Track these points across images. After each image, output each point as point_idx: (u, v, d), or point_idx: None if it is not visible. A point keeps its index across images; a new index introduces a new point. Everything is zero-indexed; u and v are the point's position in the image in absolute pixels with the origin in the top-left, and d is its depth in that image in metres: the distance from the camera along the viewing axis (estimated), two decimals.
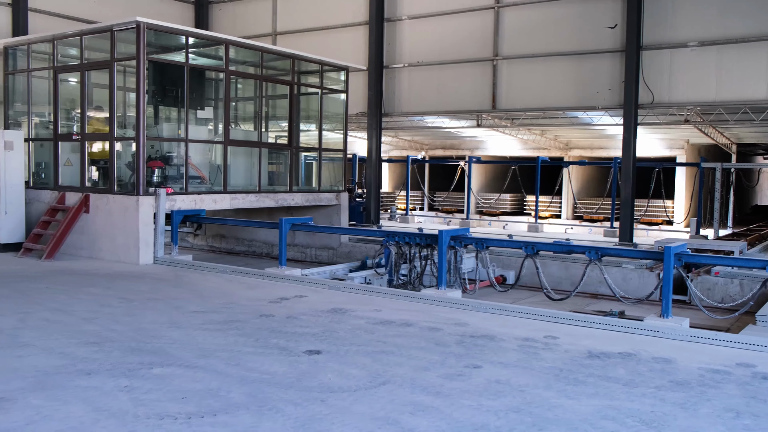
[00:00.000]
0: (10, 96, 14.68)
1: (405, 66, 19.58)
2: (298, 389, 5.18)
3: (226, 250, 16.92)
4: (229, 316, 7.73)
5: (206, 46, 14.31)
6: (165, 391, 5.07)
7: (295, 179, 15.23)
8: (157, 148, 12.97)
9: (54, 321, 7.35)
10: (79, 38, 12.99)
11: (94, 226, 12.39)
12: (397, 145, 29.69)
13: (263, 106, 15.14)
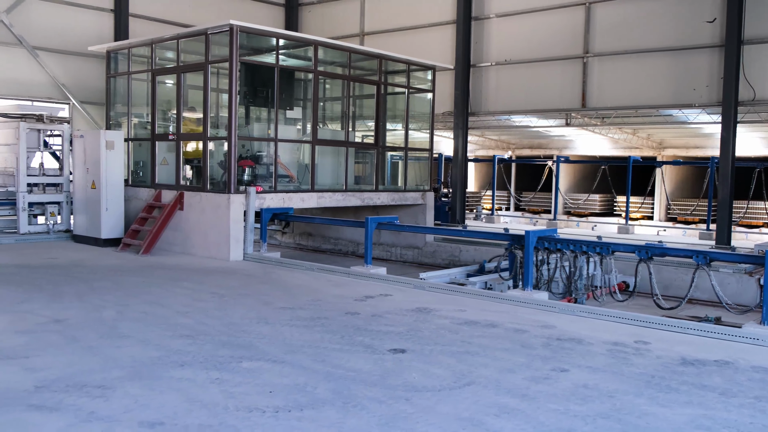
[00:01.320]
0: (112, 98, 15.38)
1: (492, 64, 19.39)
2: (383, 387, 5.22)
3: (313, 247, 17.19)
4: (315, 313, 7.85)
5: (296, 48, 14.58)
6: (254, 385, 5.20)
7: (381, 178, 15.33)
8: (248, 148, 13.32)
9: (150, 314, 7.66)
10: (175, 42, 13.48)
11: (187, 223, 12.82)
12: (483, 144, 29.44)
13: (350, 105, 15.30)
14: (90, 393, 4.93)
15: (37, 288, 8.96)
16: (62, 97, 18.31)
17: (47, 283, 9.31)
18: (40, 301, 8.17)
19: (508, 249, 10.57)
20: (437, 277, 10.93)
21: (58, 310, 7.65)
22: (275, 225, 15.11)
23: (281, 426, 4.43)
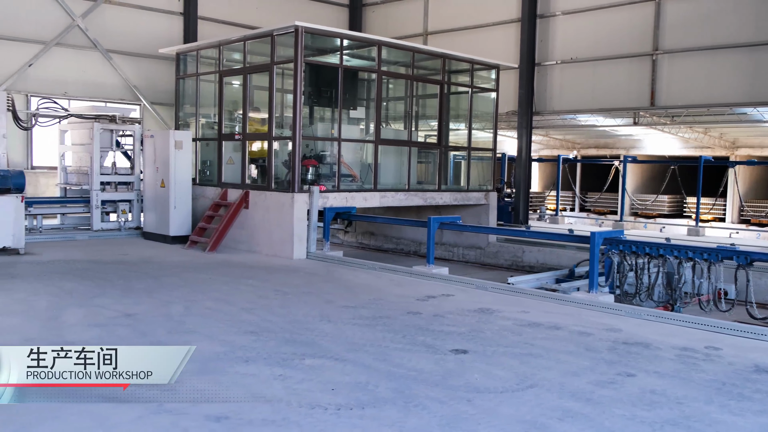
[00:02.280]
0: (181, 99, 15.76)
1: (557, 63, 19.11)
2: (444, 387, 5.20)
3: (375, 247, 17.27)
4: (377, 312, 7.88)
5: (359, 48, 14.67)
6: (316, 382, 5.26)
7: (443, 178, 15.28)
8: (312, 147, 13.45)
9: (216, 310, 7.82)
10: (242, 43, 13.73)
11: (252, 222, 13.04)
12: (547, 144, 29.02)
13: (413, 105, 15.29)
14: (158, 386, 5.06)
15: (109, 283, 9.26)
16: (134, 98, 18.88)
17: (118, 279, 9.61)
18: (112, 295, 8.44)
19: (605, 254, 9.97)
20: (525, 281, 10.47)
21: (128, 305, 7.89)
22: (338, 224, 15.22)
23: (343, 423, 4.46)
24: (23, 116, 14.71)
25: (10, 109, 13.01)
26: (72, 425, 4.34)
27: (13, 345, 6.09)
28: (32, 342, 6.22)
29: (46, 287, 8.92)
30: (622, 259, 9.75)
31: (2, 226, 11.35)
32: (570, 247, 14.00)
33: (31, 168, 17.48)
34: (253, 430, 4.33)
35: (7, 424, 4.30)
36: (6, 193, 11.41)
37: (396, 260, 13.95)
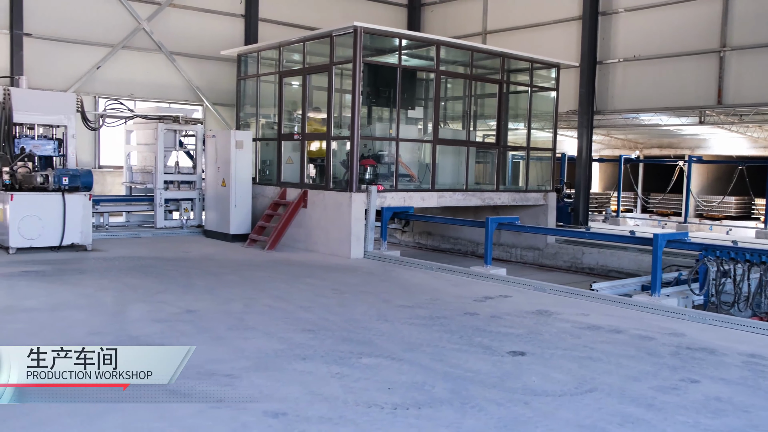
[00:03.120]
0: (242, 99, 16.03)
1: (620, 61, 18.73)
2: (501, 389, 5.16)
3: (432, 247, 17.23)
4: (434, 312, 7.86)
5: (418, 48, 14.65)
6: (373, 381, 5.28)
7: (502, 178, 15.14)
8: (370, 147, 13.50)
9: (275, 308, 7.92)
10: (301, 44, 13.88)
11: (310, 221, 13.17)
12: (608, 144, 28.47)
13: (472, 105, 15.20)
14: (219, 381, 5.16)
15: (171, 280, 9.48)
16: (196, 99, 19.29)
17: (180, 276, 9.83)
18: (175, 292, 8.64)
19: (699, 260, 9.35)
20: (610, 288, 9.84)
21: (190, 302, 8.06)
22: (395, 224, 15.27)
23: (399, 423, 4.47)
24: (91, 117, 15.18)
25: (79, 111, 13.44)
26: (137, 416, 4.45)
27: (79, 338, 6.31)
28: (99, 335, 6.42)
29: (111, 283, 9.19)
30: (719, 266, 9.11)
31: (71, 223, 11.73)
32: (632, 249, 13.70)
33: (99, 167, 18.03)
34: (310, 427, 4.37)
35: (74, 415, 4.44)
36: (75, 191, 11.80)
37: (453, 260, 13.89)
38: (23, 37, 16.32)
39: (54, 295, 8.31)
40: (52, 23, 16.92)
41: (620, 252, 13.99)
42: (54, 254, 11.46)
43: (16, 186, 11.59)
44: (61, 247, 11.77)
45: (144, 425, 4.33)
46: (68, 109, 12.87)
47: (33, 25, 16.55)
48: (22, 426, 4.25)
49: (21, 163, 11.86)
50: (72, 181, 11.74)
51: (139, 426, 4.32)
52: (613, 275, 13.67)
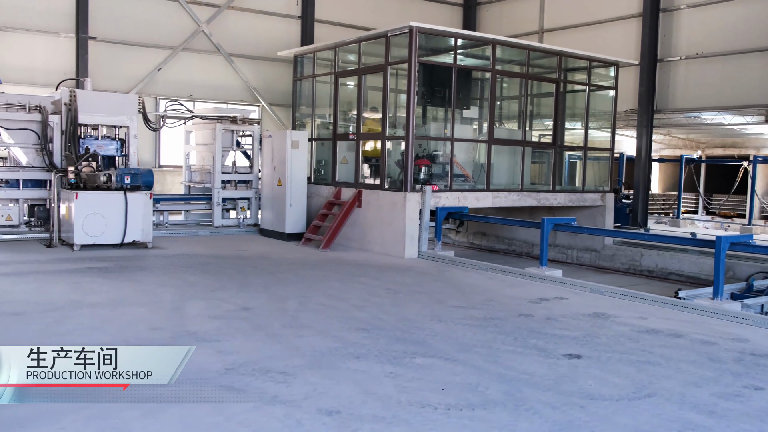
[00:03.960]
0: (298, 99, 16.20)
1: (681, 59, 18.26)
2: (557, 392, 5.09)
3: (487, 247, 17.11)
4: (488, 313, 7.81)
5: (473, 47, 14.56)
6: (426, 381, 5.27)
7: (558, 178, 14.94)
8: (425, 147, 13.49)
9: (329, 306, 7.98)
10: (357, 45, 13.95)
11: (365, 220, 13.22)
12: (669, 143, 27.80)
13: (528, 104, 15.04)
14: (273, 378, 5.23)
15: (228, 277, 9.64)
16: (253, 99, 19.57)
17: (237, 273, 9.99)
18: (231, 289, 8.78)
19: None
20: (698, 295, 9.28)
21: (246, 299, 8.18)
22: (449, 224, 15.19)
23: (452, 424, 4.45)
24: (152, 118, 15.55)
25: (141, 111, 13.79)
26: (195, 411, 4.54)
27: (140, 333, 6.47)
28: (158, 331, 6.58)
29: (170, 279, 9.39)
30: None
31: (132, 221, 12.04)
32: (693, 251, 13.35)
33: (159, 167, 18.46)
34: (364, 425, 4.39)
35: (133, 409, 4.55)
36: (136, 190, 12.10)
37: (508, 261, 13.77)
38: (88, 41, 16.83)
39: (116, 291, 8.54)
40: (116, 27, 17.39)
41: (681, 254, 13.65)
42: (116, 251, 11.78)
43: (80, 185, 11.95)
44: (123, 245, 12.09)
45: (201, 420, 4.42)
46: (130, 110, 13.23)
47: (98, 29, 17.04)
48: (84, 417, 4.37)
49: (85, 162, 12.22)
50: (134, 180, 12.04)
51: (196, 421, 4.40)
52: (673, 278, 13.36)
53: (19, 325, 6.71)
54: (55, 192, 12.29)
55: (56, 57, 16.69)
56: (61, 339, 6.22)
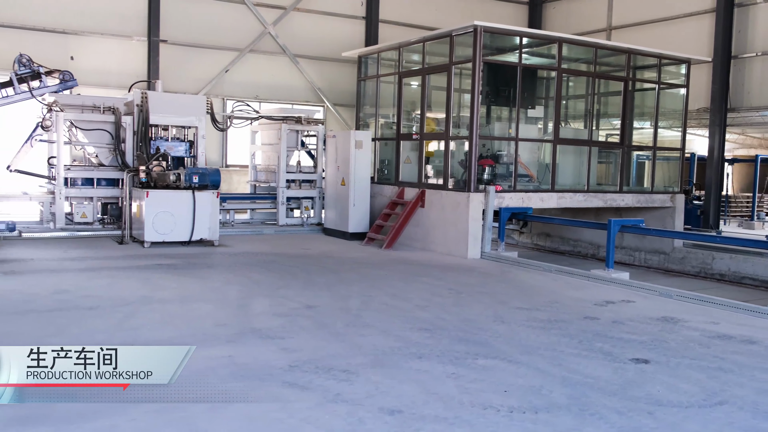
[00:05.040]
0: (362, 100, 16.29)
1: (758, 55, 17.61)
2: (623, 398, 4.98)
3: (551, 248, 16.86)
4: (552, 315, 7.70)
5: (539, 45, 14.37)
6: (488, 383, 5.23)
7: (625, 179, 14.61)
8: (488, 147, 13.38)
9: (391, 306, 8.00)
10: (421, 45, 13.93)
11: (427, 220, 13.20)
12: (743, 143, 26.86)
13: (594, 103, 14.75)
14: (336, 376, 5.27)
15: (292, 276, 9.77)
16: (317, 100, 19.78)
17: (301, 272, 10.11)
18: (295, 288, 8.89)
19: None
20: None
21: (309, 297, 8.28)
22: (513, 224, 15.04)
23: (515, 426, 4.40)
24: (220, 118, 15.90)
25: (209, 112, 14.11)
26: (260, 407, 4.62)
27: (207, 329, 6.62)
28: (224, 327, 6.71)
29: (236, 277, 9.58)
30: None
31: (200, 219, 12.32)
32: None
33: (226, 166, 18.84)
34: (425, 425, 4.38)
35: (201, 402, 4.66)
36: (204, 189, 12.38)
37: (573, 263, 13.53)
38: (160, 44, 17.30)
39: (184, 288, 8.76)
40: (186, 30, 17.83)
41: (755, 258, 13.16)
42: (184, 249, 12.07)
43: (151, 184, 12.30)
44: (191, 242, 12.38)
45: (265, 415, 4.49)
46: (199, 110, 13.55)
47: (168, 32, 17.50)
48: (153, 410, 4.50)
49: (156, 162, 12.58)
50: (201, 179, 12.32)
51: (261, 416, 4.47)
52: (747, 283, 12.90)
53: (94, 319, 6.95)
54: (127, 191, 12.70)
55: (129, 60, 17.21)
56: (132, 333, 6.42)
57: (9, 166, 13.23)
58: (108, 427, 4.22)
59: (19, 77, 12.94)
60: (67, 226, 13.04)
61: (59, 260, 10.53)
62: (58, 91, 13.37)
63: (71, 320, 6.87)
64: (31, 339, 6.11)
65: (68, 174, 13.08)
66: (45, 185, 13.72)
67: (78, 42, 16.60)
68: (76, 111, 13.14)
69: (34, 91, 13.04)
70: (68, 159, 13.65)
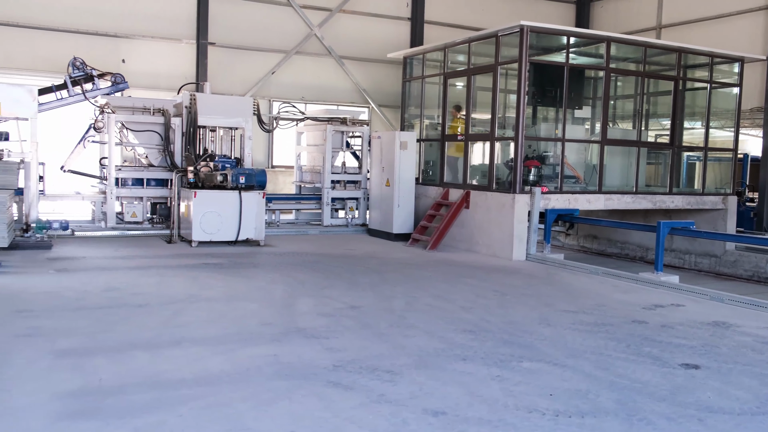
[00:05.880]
0: (407, 101, 16.29)
1: None
2: (672, 403, 4.88)
3: (597, 251, 16.61)
4: (599, 319, 7.58)
5: (586, 45, 14.19)
6: (533, 386, 5.17)
7: (675, 180, 14.32)
8: (534, 148, 13.25)
9: (435, 307, 7.98)
10: (466, 45, 13.87)
11: (472, 221, 13.13)
12: None
13: (643, 103, 14.49)
14: (380, 377, 5.28)
15: (336, 276, 9.82)
16: (362, 101, 19.84)
17: (345, 272, 10.16)
18: (339, 288, 8.93)
19: None
20: None
21: (353, 298, 8.31)
22: (559, 226, 14.86)
23: (561, 430, 4.35)
24: (266, 119, 16.06)
25: (255, 113, 14.27)
26: (304, 405, 4.65)
27: (252, 327, 6.68)
28: (270, 326, 6.78)
29: (281, 277, 9.66)
30: None
31: (246, 219, 12.47)
32: None
33: (271, 167, 19.02)
34: (469, 428, 4.36)
35: (247, 400, 4.72)
36: (250, 189, 12.53)
37: (620, 266, 13.30)
38: (208, 46, 17.56)
39: (230, 287, 8.87)
40: (233, 33, 18.05)
41: None
42: (230, 248, 12.23)
43: (199, 184, 12.50)
44: (237, 242, 12.54)
45: (309, 414, 4.52)
46: (246, 112, 13.72)
47: (216, 35, 17.75)
48: (199, 407, 4.56)
49: (203, 162, 12.77)
50: (248, 180, 12.46)
51: (306, 415, 4.50)
52: None
53: (143, 316, 7.09)
54: (175, 191, 12.92)
55: (178, 62, 17.51)
56: (179, 330, 6.53)
57: (63, 166, 13.57)
58: (156, 422, 4.29)
59: (73, 80, 13.28)
60: (117, 225, 13.33)
61: (110, 258, 10.77)
62: (109, 94, 13.68)
63: (121, 317, 7.02)
64: (83, 335, 6.27)
65: (119, 174, 13.37)
66: (97, 185, 14.05)
67: (129, 45, 16.95)
68: (127, 113, 13.43)
69: (87, 94, 13.36)
70: (119, 160, 13.95)
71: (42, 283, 8.67)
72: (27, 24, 15.71)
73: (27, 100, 11.72)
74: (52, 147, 13.96)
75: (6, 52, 15.61)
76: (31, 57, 15.76)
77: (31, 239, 11.46)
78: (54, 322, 6.73)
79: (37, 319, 6.79)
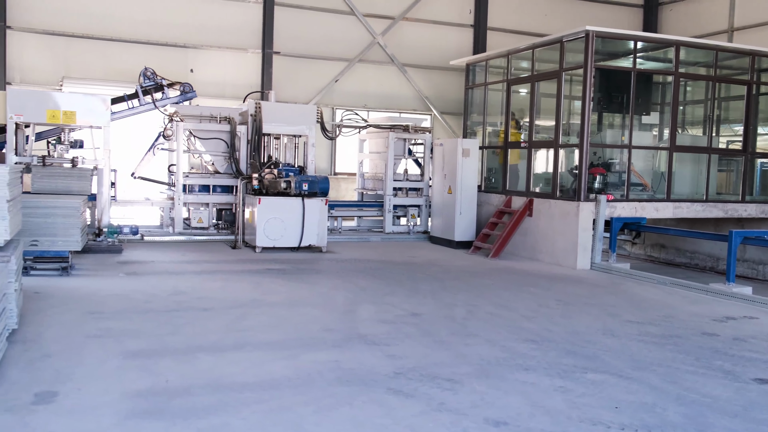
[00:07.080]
0: (469, 108, 16.22)
1: None
2: (745, 419, 4.70)
3: (665, 260, 16.16)
4: (666, 330, 7.38)
5: (654, 50, 13.86)
6: (598, 398, 5.07)
7: (748, 188, 13.84)
8: (599, 155, 13.00)
9: (497, 315, 7.90)
10: (530, 51, 13.73)
11: (535, 230, 12.96)
12: None
13: (714, 108, 14.07)
14: (441, 385, 5.25)
15: (398, 283, 9.83)
16: (425, 108, 19.84)
17: (406, 279, 10.16)
18: (400, 295, 8.94)
19: None
20: None
21: (414, 305, 8.30)
22: (625, 235, 14.52)
23: None
24: (329, 127, 16.23)
25: (319, 121, 14.43)
26: (365, 412, 4.67)
27: (314, 333, 6.74)
28: (331, 332, 6.83)
29: (343, 283, 9.73)
30: None
31: (309, 226, 12.61)
32: None
33: (334, 174, 19.18)
34: None
35: (309, 404, 4.75)
36: (313, 196, 12.66)
37: (689, 276, 12.92)
38: (273, 56, 17.86)
39: (293, 292, 8.98)
40: (297, 42, 18.31)
41: None
42: (293, 254, 12.38)
43: (263, 191, 12.70)
44: (300, 248, 12.69)
45: (370, 420, 4.52)
46: (309, 120, 13.90)
47: (281, 44, 18.04)
48: (262, 410, 4.63)
49: (268, 170, 12.97)
50: (311, 186, 12.61)
51: (366, 421, 4.51)
52: None
53: (208, 320, 7.24)
54: (240, 197, 13.16)
55: (244, 71, 17.86)
56: (242, 334, 6.64)
57: (133, 173, 14.00)
58: (220, 424, 4.37)
59: (143, 89, 13.70)
60: (184, 231, 13.66)
61: (177, 263, 11.04)
62: (178, 102, 14.05)
63: (187, 320, 7.18)
64: (150, 337, 6.43)
65: (186, 181, 13.70)
66: (165, 191, 14.44)
67: (197, 55, 17.38)
68: (195, 121, 13.76)
69: (157, 103, 13.76)
70: (187, 167, 14.30)
71: (112, 285, 8.95)
72: (102, 36, 16.29)
73: (100, 109, 12.14)
74: (123, 154, 14.41)
75: (83, 63, 16.23)
76: (105, 68, 16.33)
77: (103, 243, 11.85)
78: (123, 323, 6.94)
79: (108, 321, 7.01)
